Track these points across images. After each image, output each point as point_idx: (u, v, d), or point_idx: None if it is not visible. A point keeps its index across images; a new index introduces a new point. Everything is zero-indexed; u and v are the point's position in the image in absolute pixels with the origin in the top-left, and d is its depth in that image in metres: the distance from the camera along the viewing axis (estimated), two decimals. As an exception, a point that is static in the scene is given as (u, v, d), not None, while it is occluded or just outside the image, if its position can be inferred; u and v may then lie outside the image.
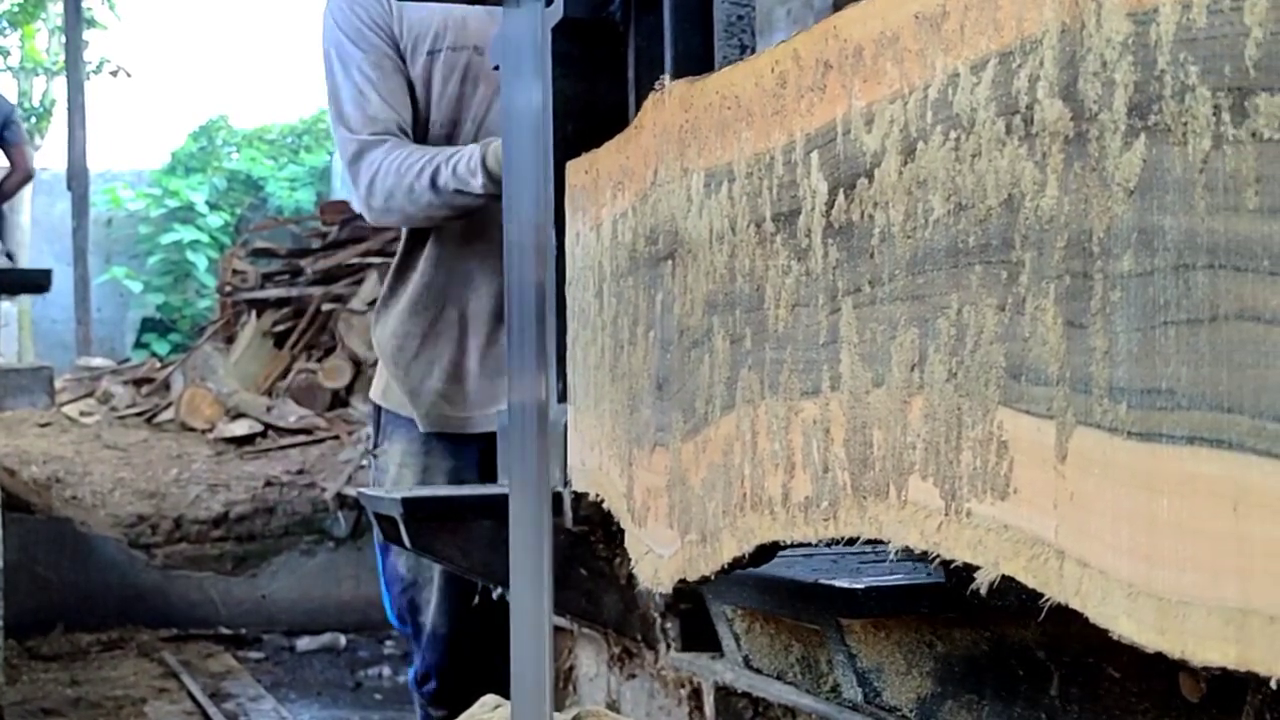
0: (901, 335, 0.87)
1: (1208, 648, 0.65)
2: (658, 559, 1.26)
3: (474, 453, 2.77)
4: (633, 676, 2.34)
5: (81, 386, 9.35)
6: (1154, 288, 0.68)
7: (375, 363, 3.13)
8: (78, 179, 11.95)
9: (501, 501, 2.18)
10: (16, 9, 15.79)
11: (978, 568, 0.81)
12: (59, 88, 15.25)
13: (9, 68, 16.01)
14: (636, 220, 1.27)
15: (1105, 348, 0.71)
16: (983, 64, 0.80)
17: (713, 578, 1.14)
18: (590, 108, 2.04)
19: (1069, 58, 0.74)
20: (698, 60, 1.91)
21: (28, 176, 8.22)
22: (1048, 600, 0.76)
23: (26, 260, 14.51)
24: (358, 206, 2.78)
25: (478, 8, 2.74)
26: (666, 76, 1.21)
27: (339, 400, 8.30)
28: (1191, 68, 0.66)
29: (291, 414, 8.06)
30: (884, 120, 0.89)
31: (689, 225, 1.15)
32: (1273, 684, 0.62)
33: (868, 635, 1.31)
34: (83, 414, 8.55)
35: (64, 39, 13.35)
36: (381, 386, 2.91)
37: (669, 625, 2.12)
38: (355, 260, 8.84)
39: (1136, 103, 0.69)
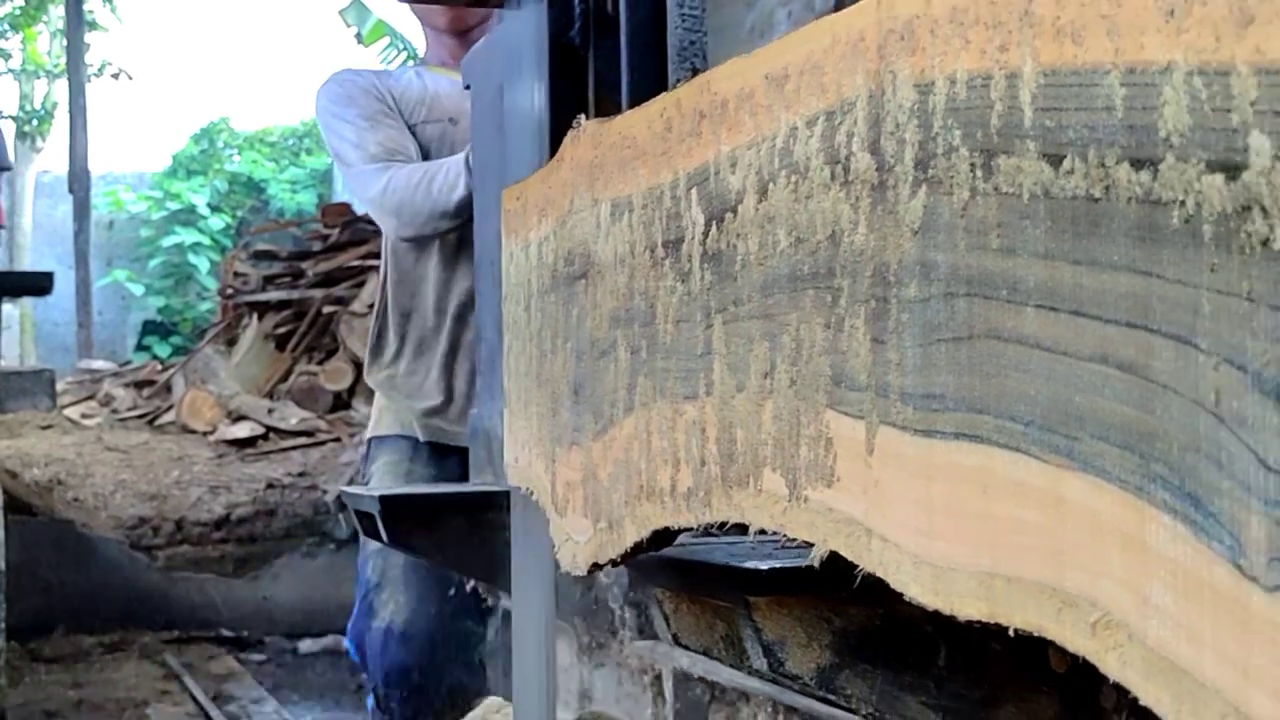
0: (757, 348, 1.02)
1: (967, 605, 0.80)
2: (576, 545, 1.40)
3: (455, 464, 2.94)
4: (601, 665, 2.45)
5: (83, 389, 9.40)
6: (930, 311, 0.82)
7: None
8: (79, 182, 12.01)
9: (473, 499, 2.31)
10: (18, 11, 15.88)
11: (812, 545, 0.96)
12: (60, 90, 15.35)
13: (10, 70, 16.12)
14: (557, 243, 1.42)
15: (898, 360, 0.86)
16: (814, 120, 0.95)
17: (619, 561, 1.29)
18: (551, 129, 2.16)
19: (875, 118, 0.88)
20: (653, 84, 2.01)
21: None
22: (861, 570, 0.91)
23: (28, 263, 14.66)
24: (389, 233, 2.97)
25: (450, 85, 2.94)
26: (583, 116, 1.36)
27: (340, 402, 8.30)
28: (956, 131, 0.80)
29: (293, 416, 8.08)
30: (744, 164, 1.04)
31: (598, 249, 1.30)
32: (1011, 632, 0.77)
33: (771, 612, 1.44)
34: (84, 416, 8.61)
35: (65, 41, 13.42)
36: (374, 421, 3.14)
37: (626, 615, 2.25)
38: (356, 263, 8.83)
39: (920, 158, 0.84)
